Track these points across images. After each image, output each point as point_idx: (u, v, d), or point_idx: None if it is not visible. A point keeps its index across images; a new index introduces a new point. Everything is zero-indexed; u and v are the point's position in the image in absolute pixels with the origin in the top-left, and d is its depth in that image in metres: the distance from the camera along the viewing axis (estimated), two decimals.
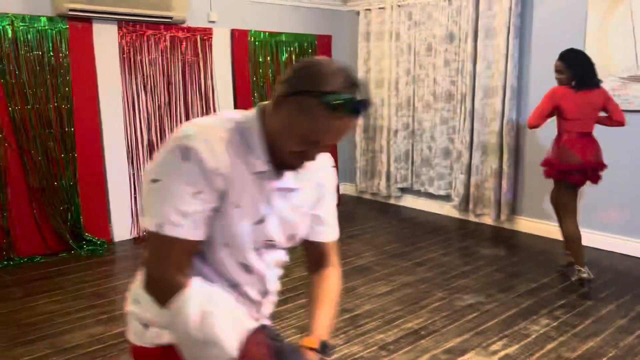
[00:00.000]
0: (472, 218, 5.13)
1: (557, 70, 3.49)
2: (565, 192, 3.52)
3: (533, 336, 2.85)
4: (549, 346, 2.75)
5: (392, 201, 5.89)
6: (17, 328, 2.94)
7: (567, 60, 3.44)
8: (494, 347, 2.73)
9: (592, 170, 3.45)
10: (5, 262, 3.92)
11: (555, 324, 2.99)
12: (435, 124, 5.27)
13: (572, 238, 3.49)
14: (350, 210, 5.64)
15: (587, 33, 4.18)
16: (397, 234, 4.76)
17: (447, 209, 5.37)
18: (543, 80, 4.50)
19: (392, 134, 5.59)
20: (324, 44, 5.81)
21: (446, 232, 4.79)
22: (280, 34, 5.43)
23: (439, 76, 5.16)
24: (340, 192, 6.31)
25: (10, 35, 3.88)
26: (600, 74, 3.50)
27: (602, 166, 3.48)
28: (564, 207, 3.55)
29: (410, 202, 5.73)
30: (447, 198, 5.38)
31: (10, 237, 3.97)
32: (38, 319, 3.05)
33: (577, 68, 3.40)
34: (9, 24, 3.87)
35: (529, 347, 2.73)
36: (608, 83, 4.08)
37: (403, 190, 5.80)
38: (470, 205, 5.00)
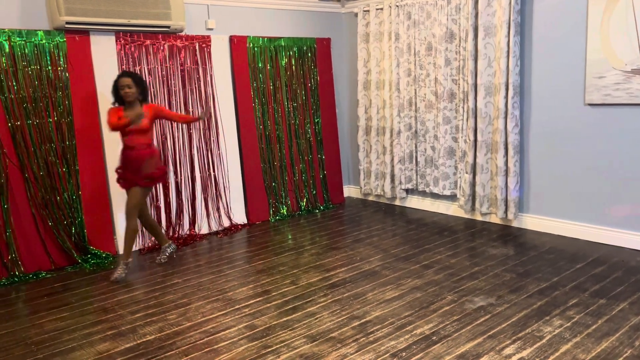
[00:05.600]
0: (478, 217, 5.09)
1: None
2: None
3: (546, 338, 2.80)
4: (564, 348, 2.70)
5: (397, 203, 5.85)
6: (25, 347, 2.91)
7: None
8: (508, 351, 2.69)
9: None
10: (10, 279, 3.90)
11: (568, 324, 2.95)
12: (438, 123, 5.23)
13: None
14: (355, 213, 5.60)
15: (589, 27, 4.13)
16: (404, 236, 4.72)
17: (454, 209, 5.33)
18: (546, 76, 4.47)
19: (395, 135, 5.55)
20: (323, 46, 5.77)
21: (453, 233, 4.75)
22: (279, 38, 5.40)
23: (440, 75, 5.12)
24: (345, 195, 6.28)
25: (7, 50, 3.86)
26: (603, 68, 3.46)
27: None
28: None
29: (415, 203, 5.69)
30: (452, 198, 5.33)
31: (15, 253, 3.95)
32: (45, 337, 3.02)
33: None
34: (5, 39, 3.85)
35: (543, 350, 2.69)
36: (611, 77, 4.04)
37: (408, 192, 5.76)
38: (477, 205, 4.96)
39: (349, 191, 6.38)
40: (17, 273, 3.95)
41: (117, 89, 3.89)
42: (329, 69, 5.88)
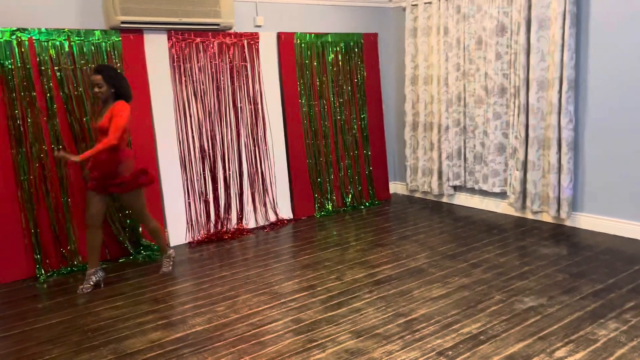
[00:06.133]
0: (529, 216, 4.95)
1: None
2: None
3: (601, 341, 2.70)
4: (619, 352, 2.60)
5: (444, 200, 5.76)
6: (82, 333, 3.05)
7: None
8: (559, 354, 2.61)
9: None
10: (69, 269, 4.09)
11: (624, 327, 2.83)
12: (487, 119, 5.11)
13: None
14: (401, 210, 5.55)
15: None
16: (451, 233, 4.65)
17: (503, 207, 5.20)
18: (603, 69, 4.28)
19: (443, 130, 5.47)
20: (370, 41, 5.74)
21: (503, 231, 4.64)
22: (326, 34, 5.41)
23: (490, 70, 5.00)
24: (391, 191, 6.23)
25: (67, 49, 4.04)
26: None
27: None
28: None
29: (463, 200, 5.59)
30: (502, 195, 5.21)
31: (74, 244, 4.14)
32: (101, 325, 3.15)
33: None
34: (65, 39, 4.02)
35: (597, 353, 2.59)
36: None
37: (456, 188, 5.66)
38: (528, 203, 4.82)
39: (395, 187, 6.33)
40: (75, 263, 4.14)
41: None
42: (376, 64, 5.84)
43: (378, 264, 3.95)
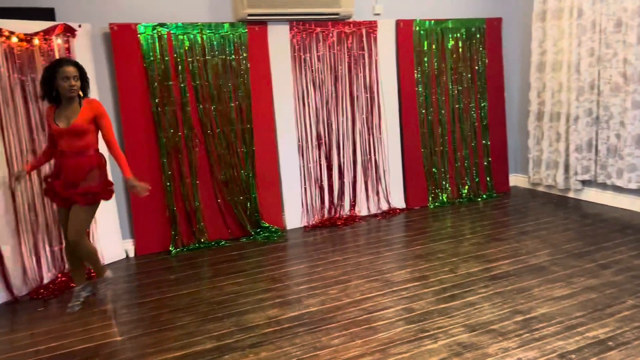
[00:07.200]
0: None
1: None
2: None
3: None
4: None
5: (571, 195, 5.37)
6: (208, 305, 3.31)
7: None
8: None
9: None
10: (196, 245, 4.44)
11: None
12: (625, 108, 4.66)
13: None
14: (522, 204, 5.28)
15: None
16: (578, 231, 4.33)
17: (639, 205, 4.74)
18: None
19: (571, 120, 5.09)
20: (493, 27, 5.49)
21: (638, 231, 4.23)
22: (446, 20, 5.26)
23: (630, 55, 4.54)
24: (511, 184, 5.94)
25: (200, 42, 4.34)
26: None
27: None
28: None
29: (593, 196, 5.17)
30: (639, 192, 4.74)
31: (201, 223, 4.48)
32: (224, 298, 3.39)
33: None
34: (198, 32, 4.33)
35: None
36: None
37: (584, 183, 5.25)
38: None
39: (516, 180, 6.02)
40: (202, 240, 4.48)
41: (51, 80, 3.07)
42: (499, 50, 5.57)
43: (495, 259, 3.81)
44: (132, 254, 4.34)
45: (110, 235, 4.18)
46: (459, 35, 5.32)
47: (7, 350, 2.88)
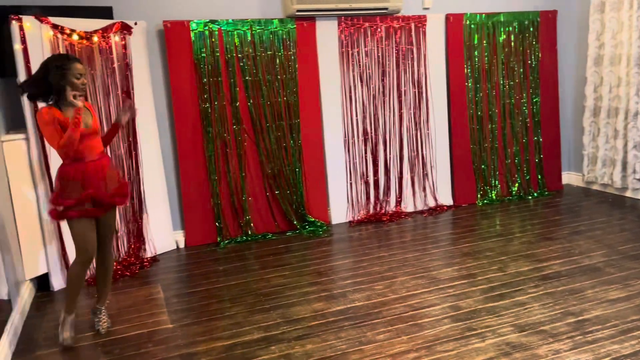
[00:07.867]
0: None
1: None
2: None
3: None
4: None
5: (628, 194, 5.15)
6: (255, 297, 3.37)
7: None
8: None
9: None
10: (244, 238, 4.52)
11: None
12: None
13: None
14: (575, 202, 5.11)
15: None
16: (635, 232, 4.16)
17: None
18: None
19: (631, 117, 4.88)
20: (547, 19, 5.32)
21: None
22: (498, 14, 5.13)
23: None
24: (564, 182, 5.76)
25: (249, 38, 4.41)
26: None
27: None
28: None
29: None
30: None
31: (248, 216, 4.56)
32: (271, 290, 3.45)
33: None
34: (248, 28, 4.40)
35: None
36: None
37: None
38: None
39: (569, 178, 5.83)
40: (249, 233, 4.56)
41: (61, 77, 2.68)
42: (553, 44, 5.39)
43: (546, 259, 3.71)
44: (182, 245, 4.47)
45: (161, 226, 4.32)
46: (511, 29, 5.19)
47: None
